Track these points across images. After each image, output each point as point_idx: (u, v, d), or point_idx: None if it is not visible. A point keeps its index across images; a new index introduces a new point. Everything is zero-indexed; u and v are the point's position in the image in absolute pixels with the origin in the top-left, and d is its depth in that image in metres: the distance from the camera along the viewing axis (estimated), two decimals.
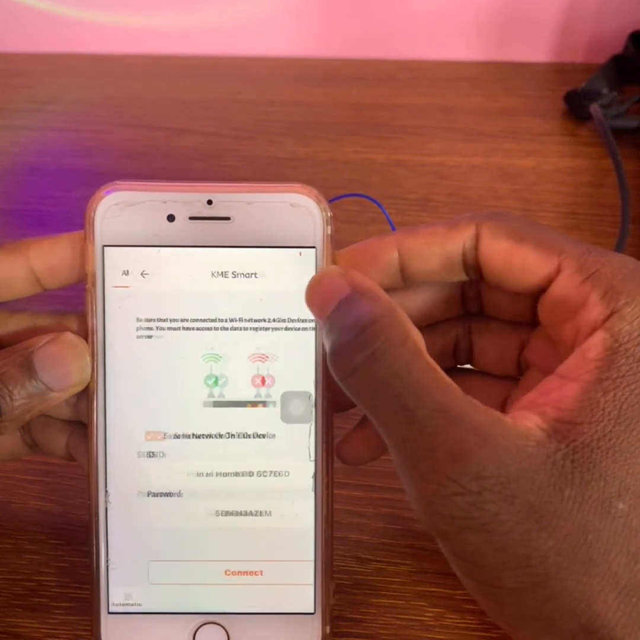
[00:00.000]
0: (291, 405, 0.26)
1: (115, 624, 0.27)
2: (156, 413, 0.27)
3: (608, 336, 0.22)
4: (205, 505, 0.27)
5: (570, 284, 0.23)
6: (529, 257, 0.24)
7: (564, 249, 0.24)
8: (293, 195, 0.26)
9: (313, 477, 0.27)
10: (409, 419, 0.21)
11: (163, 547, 0.27)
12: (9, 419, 0.25)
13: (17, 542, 0.32)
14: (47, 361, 0.25)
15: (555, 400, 0.21)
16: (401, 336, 0.21)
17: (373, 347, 0.21)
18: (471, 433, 0.20)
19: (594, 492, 0.20)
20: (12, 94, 0.57)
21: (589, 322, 0.22)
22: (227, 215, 0.26)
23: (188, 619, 0.27)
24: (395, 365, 0.21)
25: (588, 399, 0.21)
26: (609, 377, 0.21)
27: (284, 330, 0.26)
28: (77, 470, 0.34)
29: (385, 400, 0.21)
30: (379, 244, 0.26)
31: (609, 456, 0.20)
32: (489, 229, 0.24)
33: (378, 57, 0.60)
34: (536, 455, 0.20)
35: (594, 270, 0.23)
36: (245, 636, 0.27)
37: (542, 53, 0.60)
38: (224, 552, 0.27)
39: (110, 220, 0.26)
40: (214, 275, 0.26)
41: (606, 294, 0.22)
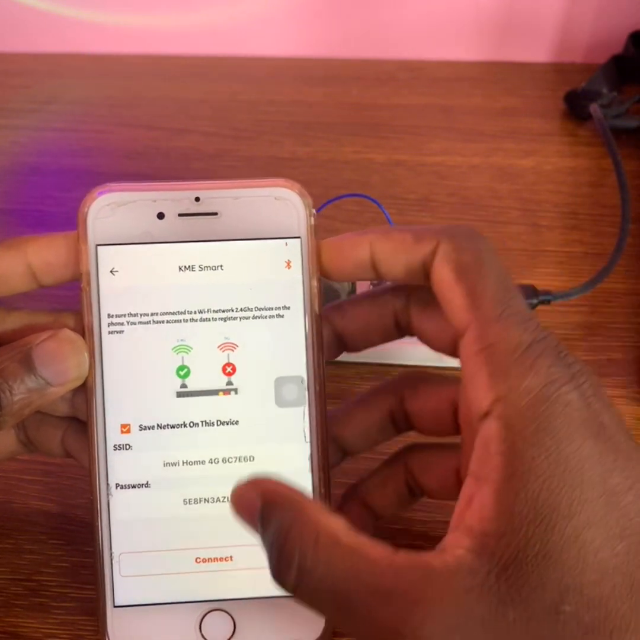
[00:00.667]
0: (284, 389, 0.27)
1: (122, 617, 0.27)
2: (133, 406, 0.27)
3: (502, 426, 0.21)
4: (208, 493, 0.27)
5: (469, 348, 0.23)
6: (458, 298, 0.24)
7: (480, 305, 0.23)
8: (277, 189, 0.27)
9: (309, 458, 0.27)
10: (351, 613, 0.21)
11: (168, 537, 0.27)
12: (8, 413, 0.25)
13: (17, 542, 0.32)
14: (46, 357, 0.26)
15: (477, 511, 0.21)
16: (312, 536, 0.21)
17: (294, 563, 0.21)
18: (404, 601, 0.20)
19: (537, 604, 0.20)
20: (12, 94, 0.57)
21: (478, 403, 0.22)
22: (215, 210, 0.27)
23: (193, 607, 0.27)
24: (318, 570, 0.21)
25: (503, 504, 0.20)
26: (515, 474, 0.21)
27: (276, 317, 0.27)
28: (77, 470, 0.34)
29: (328, 603, 0.21)
30: (354, 242, 0.26)
31: (539, 562, 0.20)
32: (444, 253, 0.25)
33: (378, 57, 0.60)
34: (471, 588, 0.20)
35: (490, 343, 0.23)
36: (251, 621, 0.27)
37: (542, 53, 0.60)
38: (228, 538, 0.27)
39: (103, 220, 0.27)
40: (203, 268, 0.27)
41: (494, 374, 0.22)
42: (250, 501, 0.22)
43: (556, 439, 0.21)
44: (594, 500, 0.20)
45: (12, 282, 0.27)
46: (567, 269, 0.44)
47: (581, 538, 0.20)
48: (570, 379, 0.22)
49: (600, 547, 0.20)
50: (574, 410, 0.21)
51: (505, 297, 0.23)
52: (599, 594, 0.20)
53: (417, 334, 0.28)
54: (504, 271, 0.24)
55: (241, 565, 0.27)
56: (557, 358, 0.22)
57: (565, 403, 0.21)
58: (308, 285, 0.27)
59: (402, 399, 0.28)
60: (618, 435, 0.22)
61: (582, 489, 0.20)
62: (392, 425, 0.29)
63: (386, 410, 0.29)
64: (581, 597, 0.20)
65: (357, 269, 0.27)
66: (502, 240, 0.45)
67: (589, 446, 0.21)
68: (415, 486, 0.29)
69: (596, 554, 0.20)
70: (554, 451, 0.21)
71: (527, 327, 0.23)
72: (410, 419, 0.29)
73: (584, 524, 0.20)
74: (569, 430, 0.21)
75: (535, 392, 0.21)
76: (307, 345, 0.27)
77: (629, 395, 0.37)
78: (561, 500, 0.20)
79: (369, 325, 0.28)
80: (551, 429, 0.21)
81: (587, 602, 0.20)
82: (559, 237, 0.46)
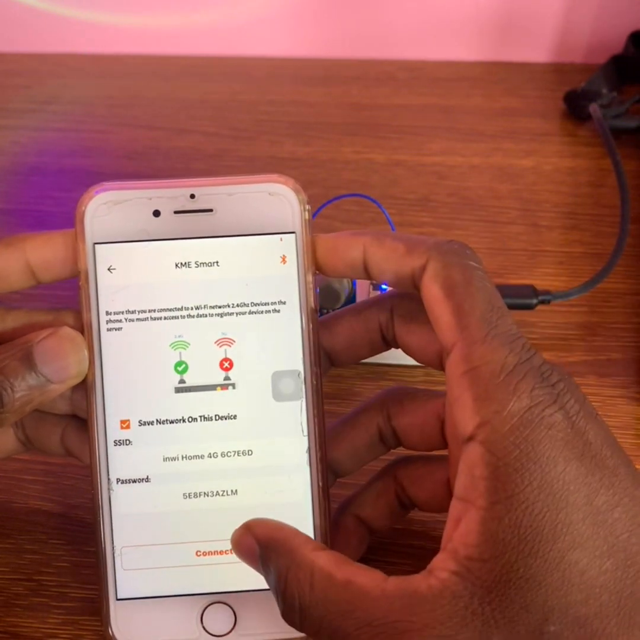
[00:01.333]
0: (281, 383, 0.28)
1: (124, 610, 0.27)
2: (132, 402, 0.27)
3: (485, 451, 0.22)
4: (207, 487, 0.27)
5: (454, 369, 0.23)
6: (445, 316, 0.24)
7: (467, 325, 0.23)
8: (271, 185, 0.27)
9: (307, 451, 0.27)
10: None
11: (169, 531, 0.27)
12: (10, 410, 0.25)
13: (18, 542, 0.32)
14: (47, 354, 0.26)
15: (463, 535, 0.21)
16: (308, 577, 0.22)
17: (296, 605, 0.22)
18: (394, 631, 0.21)
19: (521, 626, 0.20)
20: (12, 94, 0.57)
21: (462, 426, 0.23)
22: (210, 207, 0.27)
23: (195, 600, 0.27)
24: (317, 609, 0.22)
25: (488, 530, 0.21)
26: (499, 500, 0.21)
27: (272, 312, 0.28)
28: (78, 470, 0.34)
29: (329, 638, 0.22)
30: (348, 243, 0.27)
31: (522, 586, 0.20)
32: (433, 269, 0.25)
33: (378, 57, 0.60)
34: (455, 612, 0.20)
35: (475, 365, 0.23)
36: (252, 614, 0.27)
37: (542, 53, 0.60)
38: (228, 532, 0.27)
39: (100, 218, 0.27)
40: (199, 265, 0.27)
41: (479, 397, 0.22)
42: (249, 547, 0.24)
43: (539, 464, 0.21)
44: (579, 522, 0.21)
45: (10, 279, 0.27)
46: (567, 269, 0.44)
47: (566, 560, 0.20)
48: (554, 400, 0.22)
49: (587, 567, 0.20)
50: (558, 432, 0.21)
51: (492, 317, 0.23)
52: (585, 614, 0.20)
53: (402, 347, 0.28)
54: (492, 289, 0.24)
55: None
56: (540, 379, 0.22)
57: (549, 425, 0.21)
58: (303, 280, 0.27)
59: (389, 415, 0.28)
60: (604, 450, 0.22)
61: (567, 512, 0.21)
62: (381, 443, 0.29)
63: (374, 429, 0.29)
64: (566, 617, 0.20)
65: (349, 268, 0.27)
66: (502, 240, 0.45)
67: (574, 468, 0.21)
68: (405, 499, 0.29)
69: (582, 575, 0.20)
70: (538, 476, 0.21)
71: (512, 347, 0.23)
72: (398, 435, 0.29)
73: (568, 546, 0.20)
74: (552, 453, 0.21)
75: (518, 416, 0.22)
76: (304, 340, 0.27)
77: (629, 395, 0.37)
78: (545, 525, 0.21)
79: (356, 339, 0.28)
80: (534, 454, 0.21)
81: (572, 621, 0.20)
82: (559, 237, 0.46)
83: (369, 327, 0.28)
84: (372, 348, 0.29)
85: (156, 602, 0.27)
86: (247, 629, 0.27)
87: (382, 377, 0.38)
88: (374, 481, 0.30)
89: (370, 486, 0.30)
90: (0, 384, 0.25)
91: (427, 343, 0.27)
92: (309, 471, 0.27)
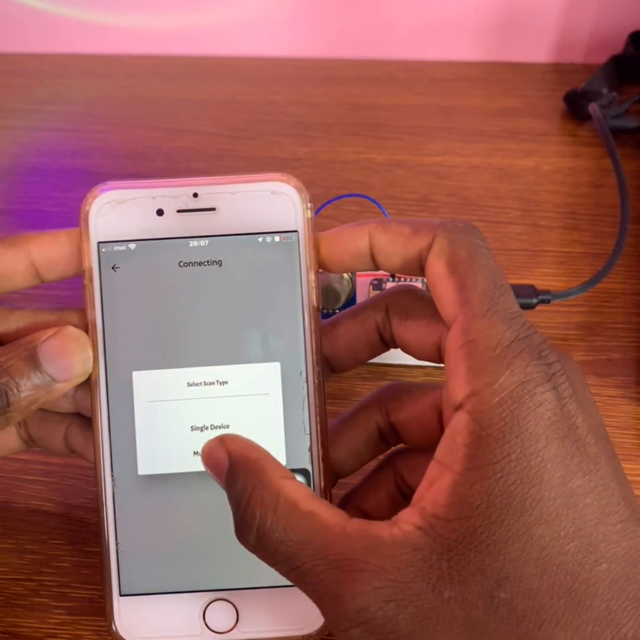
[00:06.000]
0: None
1: (128, 606, 0.27)
2: None
3: (471, 420, 0.22)
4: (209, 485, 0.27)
5: (453, 342, 0.24)
6: (448, 291, 0.24)
7: (469, 299, 0.24)
8: (273, 183, 0.28)
9: (309, 450, 0.27)
10: (302, 576, 0.22)
11: (172, 528, 0.27)
12: (15, 410, 0.26)
13: (18, 542, 0.32)
14: (52, 353, 0.26)
15: (434, 494, 0.22)
16: (273, 500, 0.23)
17: (254, 525, 0.23)
18: (348, 568, 0.21)
19: (473, 587, 0.21)
20: (12, 94, 0.57)
21: (453, 395, 0.23)
22: (212, 206, 0.27)
23: (197, 597, 0.27)
24: (276, 533, 0.22)
25: (457, 493, 0.21)
26: (475, 467, 0.21)
27: (275, 310, 0.28)
28: (78, 470, 0.34)
29: (283, 565, 0.22)
30: (353, 233, 0.27)
31: (483, 550, 0.21)
32: (439, 246, 0.25)
33: (378, 57, 0.60)
34: (412, 562, 0.21)
35: (472, 338, 0.23)
36: (254, 611, 0.27)
37: (542, 53, 0.60)
38: (228, 528, 0.27)
39: (104, 217, 0.27)
40: (202, 263, 0.28)
41: (472, 368, 0.22)
42: (219, 459, 0.24)
43: (521, 438, 0.21)
44: (550, 499, 0.21)
45: (14, 278, 0.28)
46: (567, 269, 0.44)
47: (529, 533, 0.21)
48: (547, 379, 0.22)
49: (549, 544, 0.21)
50: (546, 411, 0.22)
51: (494, 293, 0.24)
52: (537, 587, 0.21)
53: (400, 345, 0.28)
54: (496, 267, 0.25)
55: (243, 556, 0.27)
56: (537, 357, 0.22)
57: (538, 403, 0.22)
58: (306, 278, 0.27)
59: (387, 412, 0.29)
60: (589, 437, 0.22)
61: (539, 488, 0.21)
62: (380, 440, 0.29)
63: (372, 426, 0.29)
64: (518, 587, 0.21)
65: (355, 260, 0.27)
66: (502, 240, 0.45)
67: (554, 447, 0.21)
68: (405, 488, 0.29)
69: (542, 550, 0.21)
70: (517, 449, 0.21)
71: (511, 324, 0.23)
72: (397, 430, 0.29)
73: (535, 520, 0.21)
74: (536, 430, 0.21)
75: (508, 390, 0.22)
76: (306, 338, 0.28)
77: (629, 395, 0.37)
78: (515, 497, 0.21)
79: (354, 343, 0.28)
80: (518, 428, 0.21)
81: (523, 592, 0.21)
82: (559, 237, 0.46)
83: (366, 329, 0.28)
84: (371, 350, 0.29)
85: (159, 599, 0.27)
86: (249, 626, 0.27)
87: (382, 377, 0.38)
88: (373, 473, 0.30)
89: (370, 478, 0.30)
90: (6, 383, 0.25)
91: (424, 336, 0.27)
92: (311, 469, 0.27)
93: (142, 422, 0.28)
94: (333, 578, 0.21)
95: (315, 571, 0.22)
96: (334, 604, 0.21)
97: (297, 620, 0.27)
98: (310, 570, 0.22)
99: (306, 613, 0.27)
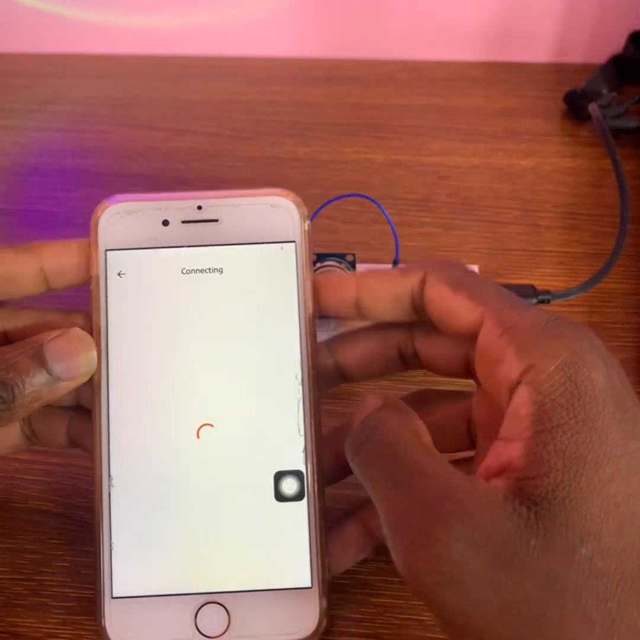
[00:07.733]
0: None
1: (119, 609, 0.27)
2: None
3: (532, 390, 0.23)
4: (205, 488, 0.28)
5: (490, 335, 0.25)
6: (461, 303, 0.26)
7: (488, 300, 0.25)
8: (273, 198, 0.29)
9: (303, 451, 0.28)
10: (394, 483, 0.23)
11: (166, 531, 0.27)
12: (20, 406, 0.26)
13: (18, 541, 0.32)
14: (57, 353, 0.27)
15: (508, 462, 0.23)
16: (400, 420, 0.24)
17: (374, 423, 0.24)
18: (443, 490, 0.22)
19: (558, 541, 0.21)
20: (12, 94, 0.57)
21: (509, 376, 0.24)
22: (215, 217, 0.29)
23: (189, 600, 0.27)
24: (390, 438, 0.24)
25: (533, 453, 0.22)
26: (544, 429, 0.22)
27: (272, 316, 0.29)
28: (78, 470, 0.34)
29: (379, 469, 0.23)
30: (341, 282, 0.29)
31: (566, 505, 0.21)
32: (434, 276, 0.27)
33: (378, 57, 0.60)
34: (503, 507, 0.21)
35: (510, 324, 0.24)
36: (246, 614, 0.27)
37: (542, 53, 0.60)
38: (222, 531, 0.28)
39: (113, 227, 0.29)
40: (204, 271, 0.29)
41: (521, 348, 0.24)
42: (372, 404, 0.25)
43: (583, 401, 0.22)
44: (618, 458, 0.22)
45: (24, 285, 0.29)
46: (567, 269, 0.44)
47: (605, 490, 0.21)
48: (593, 348, 0.23)
49: (622, 502, 0.21)
50: (599, 376, 0.23)
51: (507, 295, 0.25)
52: (614, 546, 0.21)
53: (424, 361, 0.29)
54: (496, 283, 0.26)
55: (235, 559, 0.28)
56: (577, 331, 0.24)
57: (591, 369, 0.23)
58: (302, 285, 0.28)
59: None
60: (635, 408, 0.23)
61: (607, 446, 0.22)
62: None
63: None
64: (598, 545, 0.21)
65: (342, 307, 0.28)
66: (502, 240, 0.45)
67: (611, 411, 0.22)
68: None
69: (617, 508, 0.21)
70: (581, 411, 0.22)
71: (537, 311, 0.25)
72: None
73: (609, 477, 0.21)
74: (594, 393, 0.22)
75: (561, 358, 0.23)
76: (302, 344, 0.28)
77: None
78: (588, 454, 0.22)
79: (372, 356, 0.29)
80: (578, 392, 0.22)
81: (603, 549, 0.21)
82: (559, 238, 0.46)
83: (387, 344, 0.29)
84: (387, 366, 0.29)
85: (150, 602, 0.27)
86: (241, 630, 0.27)
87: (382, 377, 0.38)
88: None
89: None
90: (12, 379, 0.26)
91: (451, 349, 0.28)
92: (304, 470, 0.28)
93: (142, 422, 0.28)
94: (426, 492, 0.22)
95: (410, 483, 0.22)
96: (419, 519, 0.22)
97: (289, 624, 0.27)
98: (405, 481, 0.23)
99: (298, 617, 0.27)
